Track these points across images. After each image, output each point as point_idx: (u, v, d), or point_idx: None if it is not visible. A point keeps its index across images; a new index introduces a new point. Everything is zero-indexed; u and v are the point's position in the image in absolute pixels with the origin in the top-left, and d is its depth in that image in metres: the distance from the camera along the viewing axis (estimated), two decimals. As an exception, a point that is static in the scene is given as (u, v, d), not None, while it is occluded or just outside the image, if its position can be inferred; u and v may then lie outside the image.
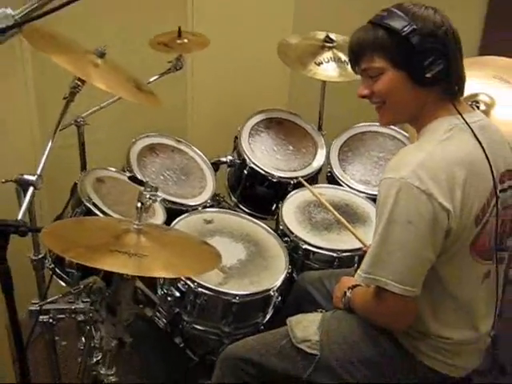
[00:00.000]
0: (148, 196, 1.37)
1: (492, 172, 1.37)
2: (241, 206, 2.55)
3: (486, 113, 2.11)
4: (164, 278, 1.92)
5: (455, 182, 1.31)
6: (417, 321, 1.44)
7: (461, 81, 1.43)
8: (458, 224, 1.32)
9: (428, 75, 1.35)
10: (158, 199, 1.38)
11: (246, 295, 1.84)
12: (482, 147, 1.36)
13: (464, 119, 1.38)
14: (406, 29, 1.33)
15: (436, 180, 1.29)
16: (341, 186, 2.47)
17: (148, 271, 1.28)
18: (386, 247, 1.33)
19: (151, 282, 1.98)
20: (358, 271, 1.41)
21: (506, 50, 2.97)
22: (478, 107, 2.10)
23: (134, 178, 1.49)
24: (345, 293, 1.60)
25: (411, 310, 1.39)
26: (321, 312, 1.68)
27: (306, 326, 1.61)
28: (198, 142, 2.61)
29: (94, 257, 1.25)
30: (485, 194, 1.37)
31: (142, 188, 1.39)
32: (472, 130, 1.37)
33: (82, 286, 1.48)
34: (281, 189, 2.43)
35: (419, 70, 1.35)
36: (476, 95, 2.14)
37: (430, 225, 1.29)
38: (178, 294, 1.88)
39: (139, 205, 1.38)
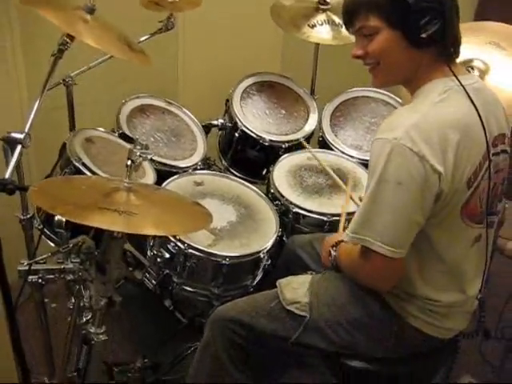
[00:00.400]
0: (138, 154, 1.36)
1: (486, 135, 1.36)
2: (231, 170, 2.55)
3: (480, 78, 2.10)
4: (154, 239, 1.92)
5: (448, 144, 1.30)
6: (404, 282, 1.45)
7: (457, 42, 1.41)
8: (450, 187, 1.32)
9: (423, 35, 1.32)
10: (149, 157, 1.36)
11: (236, 257, 1.84)
12: (477, 110, 1.35)
13: (459, 81, 1.36)
14: None
15: (429, 142, 1.28)
16: (332, 150, 2.46)
17: (138, 229, 1.27)
18: (375, 207, 1.32)
19: (141, 245, 1.97)
20: (347, 230, 1.41)
21: (503, 15, 2.96)
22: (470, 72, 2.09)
23: (124, 135, 1.46)
24: (330, 251, 1.61)
25: (397, 271, 1.39)
26: (310, 274, 1.69)
27: (296, 288, 1.61)
28: (189, 104, 2.58)
29: (83, 214, 1.23)
30: (478, 157, 1.37)
31: (132, 146, 1.37)
32: (467, 93, 1.36)
33: (71, 245, 1.46)
34: (272, 152, 2.42)
35: (415, 30, 1.32)
36: (470, 61, 2.12)
37: (421, 187, 1.29)
38: (167, 256, 1.88)
39: (129, 162, 1.36)
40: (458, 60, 1.45)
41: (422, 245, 1.39)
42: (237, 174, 2.52)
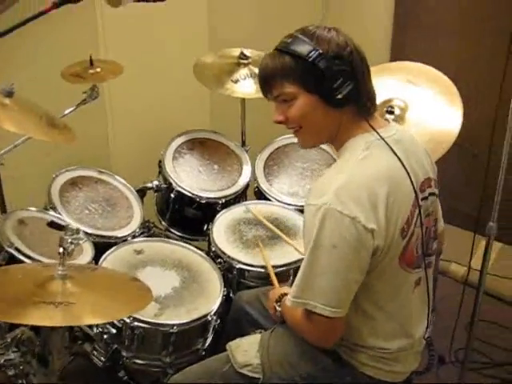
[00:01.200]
0: (70, 240, 1.34)
1: (412, 184, 1.40)
2: (172, 230, 2.54)
3: (401, 117, 2.19)
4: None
5: (377, 199, 1.33)
6: (353, 333, 1.47)
7: (372, 98, 1.45)
8: (385, 240, 1.35)
9: (339, 97, 1.36)
10: (81, 242, 1.34)
11: (184, 324, 1.83)
12: (400, 160, 1.39)
13: (379, 134, 1.40)
14: (311, 54, 1.34)
15: (358, 202, 1.31)
16: (269, 200, 2.49)
17: (77, 320, 1.25)
18: (313, 271, 1.35)
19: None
20: (288, 296, 1.42)
21: (416, 52, 3.12)
22: (392, 112, 2.18)
23: (53, 224, 1.44)
24: (275, 307, 1.62)
25: (339, 329, 1.42)
26: (259, 333, 1.69)
27: (246, 350, 1.60)
28: (123, 169, 2.57)
29: (17, 312, 1.20)
30: (408, 206, 1.40)
31: (63, 233, 1.35)
32: (388, 145, 1.40)
33: (9, 340, 1.41)
34: (210, 209, 2.42)
35: (330, 93, 1.36)
36: (390, 100, 2.22)
37: (355, 247, 1.31)
38: (114, 331, 1.84)
39: (61, 250, 1.34)
40: (376, 110, 1.49)
41: (364, 298, 1.42)
42: (177, 233, 2.52)
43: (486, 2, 2.80)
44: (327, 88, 1.35)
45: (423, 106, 2.20)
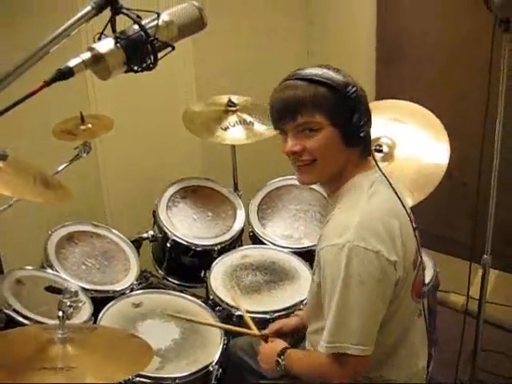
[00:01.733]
0: (68, 304, 1.35)
1: (409, 217, 1.46)
2: (169, 279, 2.54)
3: (390, 154, 2.23)
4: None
5: (394, 233, 1.37)
6: (373, 369, 1.47)
7: (371, 140, 1.49)
8: (403, 271, 1.38)
9: (362, 134, 1.39)
10: (80, 305, 1.35)
11: (186, 376, 1.81)
12: (398, 196, 1.45)
13: (382, 171, 1.45)
14: (348, 89, 1.36)
15: (378, 236, 1.34)
16: (264, 243, 2.50)
17: (78, 384, 1.24)
18: (345, 312, 1.34)
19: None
20: (321, 342, 1.39)
21: (400, 87, 3.18)
22: (381, 150, 2.22)
23: (51, 288, 1.45)
24: (277, 361, 1.57)
25: (367, 365, 1.41)
26: None
27: None
28: (118, 220, 2.60)
29: (17, 379, 1.20)
30: (413, 238, 1.46)
31: (61, 296, 1.36)
32: (389, 181, 1.45)
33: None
34: (206, 256, 2.43)
35: (354, 130, 1.38)
36: (378, 139, 2.26)
37: (381, 280, 1.33)
38: (116, 388, 1.83)
39: (60, 314, 1.35)
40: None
41: (380, 332, 1.41)
42: (175, 281, 2.53)
43: (466, 36, 2.88)
44: (353, 125, 1.37)
45: (410, 142, 2.24)
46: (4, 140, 1.92)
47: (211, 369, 1.88)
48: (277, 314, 2.07)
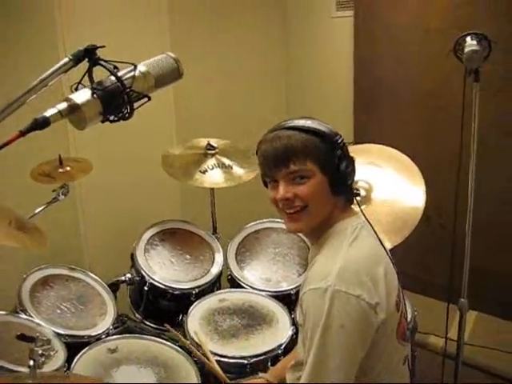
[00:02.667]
0: (40, 352, 1.32)
1: (391, 259, 1.48)
2: (146, 322, 2.51)
3: (367, 197, 2.26)
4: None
5: (377, 278, 1.38)
6: None
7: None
8: (386, 314, 1.39)
9: (349, 182, 1.45)
10: (52, 353, 1.32)
11: (161, 426, 1.79)
12: (380, 240, 1.47)
13: (365, 217, 1.48)
14: (337, 138, 1.43)
15: (360, 280, 1.35)
16: (242, 287, 2.49)
17: None
18: (324, 355, 1.35)
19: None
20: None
21: (377, 131, 3.25)
22: (358, 194, 2.24)
23: (22, 337, 1.42)
24: None
25: None
26: None
27: None
28: (96, 263, 2.58)
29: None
30: (395, 279, 1.47)
31: (33, 344, 1.34)
32: (371, 226, 1.48)
33: None
34: (184, 299, 2.41)
35: (341, 177, 1.44)
36: (355, 182, 2.28)
37: (361, 325, 1.34)
38: None
39: (31, 363, 1.32)
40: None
41: (365, 379, 1.42)
42: (152, 325, 2.49)
43: (440, 82, 2.96)
44: (342, 172, 1.43)
45: (387, 185, 2.27)
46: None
47: (188, 417, 1.85)
48: (255, 359, 2.05)
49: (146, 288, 2.43)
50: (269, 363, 2.08)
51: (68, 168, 2.38)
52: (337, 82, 3.38)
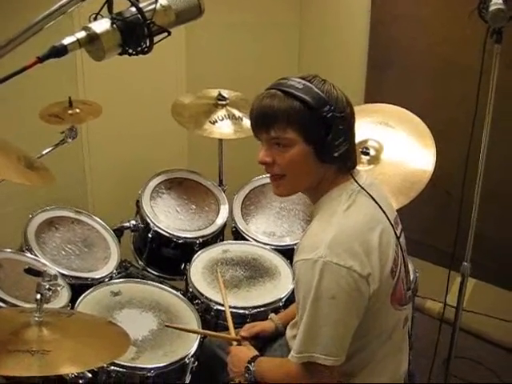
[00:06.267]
0: (47, 287, 1.33)
1: (391, 224, 1.45)
2: (149, 270, 2.53)
3: (376, 157, 2.24)
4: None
5: (369, 245, 1.36)
6: (349, 379, 1.47)
7: (355, 156, 1.47)
8: (379, 283, 1.38)
9: (336, 154, 1.36)
10: (59, 288, 1.33)
11: (162, 367, 1.80)
12: (379, 205, 1.43)
13: (360, 186, 1.43)
14: (325, 108, 1.34)
15: (352, 252, 1.33)
16: (246, 240, 2.50)
17: (54, 369, 1.22)
18: (315, 324, 1.35)
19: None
20: (292, 352, 1.41)
21: (389, 92, 3.20)
22: (368, 153, 2.23)
23: (30, 270, 1.43)
24: (247, 367, 1.57)
25: (336, 376, 1.42)
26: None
27: None
28: (100, 208, 2.57)
29: (-8, 361, 1.19)
30: (393, 246, 1.44)
31: (40, 278, 1.34)
32: (368, 193, 1.43)
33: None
34: (187, 249, 2.42)
35: (328, 149, 1.36)
36: (365, 141, 2.27)
37: (353, 296, 1.34)
38: (89, 375, 1.80)
39: (38, 296, 1.33)
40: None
41: (361, 344, 1.43)
42: (154, 272, 2.51)
43: (457, 44, 2.90)
44: (327, 144, 1.35)
45: (397, 146, 2.25)
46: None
47: (187, 361, 1.87)
48: (256, 310, 2.07)
49: (150, 235, 2.43)
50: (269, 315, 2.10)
51: (77, 110, 2.35)
52: (351, 38, 3.31)
